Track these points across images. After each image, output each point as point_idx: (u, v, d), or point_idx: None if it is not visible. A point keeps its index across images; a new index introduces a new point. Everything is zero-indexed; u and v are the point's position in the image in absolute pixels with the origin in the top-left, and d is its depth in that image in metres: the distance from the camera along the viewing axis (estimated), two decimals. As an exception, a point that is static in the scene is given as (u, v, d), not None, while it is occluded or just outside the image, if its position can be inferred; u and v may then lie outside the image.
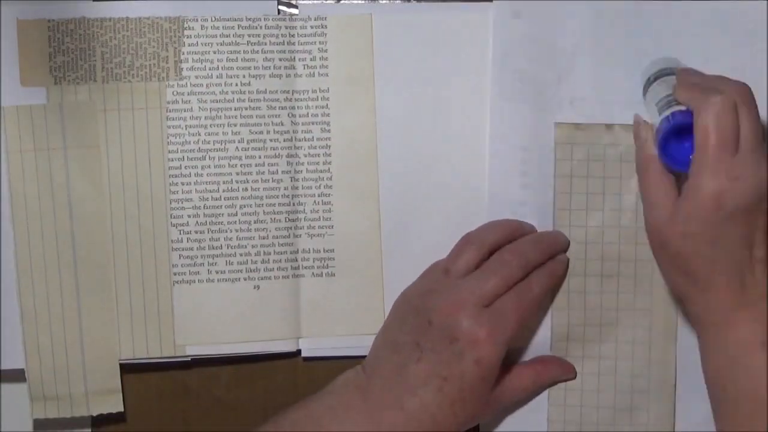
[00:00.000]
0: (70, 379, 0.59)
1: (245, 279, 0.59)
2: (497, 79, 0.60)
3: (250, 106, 0.59)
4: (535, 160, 0.60)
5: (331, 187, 0.60)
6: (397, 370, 0.53)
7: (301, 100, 0.60)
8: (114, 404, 0.59)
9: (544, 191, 0.60)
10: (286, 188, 0.60)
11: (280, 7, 0.60)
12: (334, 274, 0.60)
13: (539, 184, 0.60)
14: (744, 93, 0.50)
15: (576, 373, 0.60)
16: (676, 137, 0.52)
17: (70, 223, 0.58)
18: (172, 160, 0.59)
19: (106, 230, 0.59)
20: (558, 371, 0.59)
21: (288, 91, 0.59)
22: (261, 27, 0.59)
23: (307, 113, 0.60)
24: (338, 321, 0.60)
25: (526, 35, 0.60)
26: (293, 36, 0.59)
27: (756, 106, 0.50)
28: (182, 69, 0.59)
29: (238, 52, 0.59)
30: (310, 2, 0.60)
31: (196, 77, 0.59)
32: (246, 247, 0.59)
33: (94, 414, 0.59)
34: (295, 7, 0.60)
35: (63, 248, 0.58)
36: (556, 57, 0.60)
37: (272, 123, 0.59)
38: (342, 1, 0.60)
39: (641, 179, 0.54)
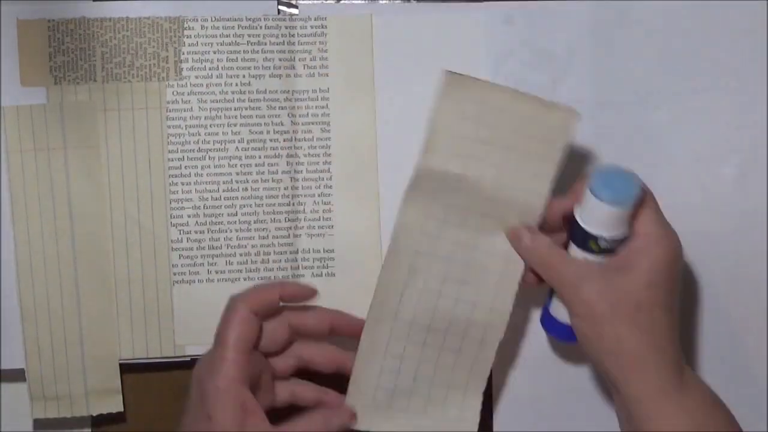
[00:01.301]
0: (70, 379, 0.59)
1: (245, 279, 0.59)
2: None
3: (250, 106, 0.59)
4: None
5: (331, 187, 0.60)
6: None
7: (301, 100, 0.60)
8: (114, 404, 0.59)
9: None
10: (286, 188, 0.60)
11: (280, 7, 0.60)
12: (334, 274, 0.60)
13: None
14: None
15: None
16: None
17: (70, 223, 0.58)
18: (172, 160, 0.59)
19: (106, 230, 0.59)
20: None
21: (288, 91, 0.59)
22: (261, 27, 0.59)
23: (307, 113, 0.60)
24: (338, 321, 0.60)
25: (518, 41, 0.60)
26: (293, 36, 0.59)
27: None
28: (182, 69, 0.59)
29: (238, 52, 0.59)
30: (310, 2, 0.60)
31: (196, 77, 0.59)
32: (246, 247, 0.59)
33: (94, 414, 0.59)
34: (295, 7, 0.60)
35: (63, 248, 0.58)
36: (551, 61, 0.60)
37: (272, 123, 0.59)
38: (342, 1, 0.60)
39: (550, 269, 0.52)
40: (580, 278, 0.51)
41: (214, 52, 0.59)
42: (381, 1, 0.60)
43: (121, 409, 0.59)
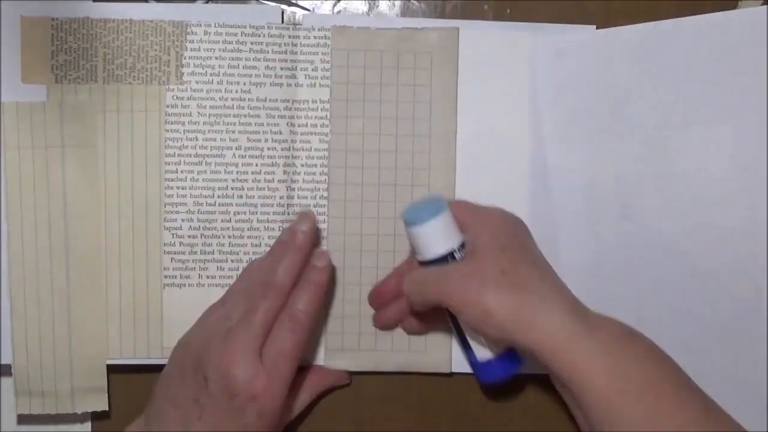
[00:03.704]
0: (57, 376, 0.59)
1: (236, 286, 0.59)
2: (551, 122, 0.60)
3: (249, 114, 0.59)
4: (602, 197, 0.60)
5: (326, 198, 0.60)
6: (180, 427, 0.52)
7: (301, 110, 0.60)
8: (99, 403, 0.60)
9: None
10: (281, 197, 0.60)
11: (283, 6, 0.59)
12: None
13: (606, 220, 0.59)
14: None
15: (350, 379, 0.61)
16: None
17: (64, 222, 0.59)
18: (169, 164, 0.59)
19: (99, 230, 0.59)
20: (332, 380, 0.60)
21: (288, 100, 0.59)
22: (264, 35, 0.59)
23: (306, 123, 0.60)
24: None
25: (572, 74, 0.60)
26: (296, 45, 0.59)
27: None
28: (183, 74, 0.59)
29: (240, 59, 0.59)
30: (313, 3, 0.60)
31: (197, 82, 0.59)
32: (238, 253, 0.59)
33: (79, 412, 0.59)
34: (304, 8, 0.60)
35: (56, 246, 0.59)
36: (608, 90, 0.59)
37: (270, 131, 0.59)
38: (340, 3, 0.60)
39: (444, 297, 0.51)
40: (442, 281, 0.51)
41: (216, 58, 0.59)
42: (381, 5, 0.60)
43: (106, 408, 0.60)
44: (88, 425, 0.61)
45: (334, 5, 0.60)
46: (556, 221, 0.60)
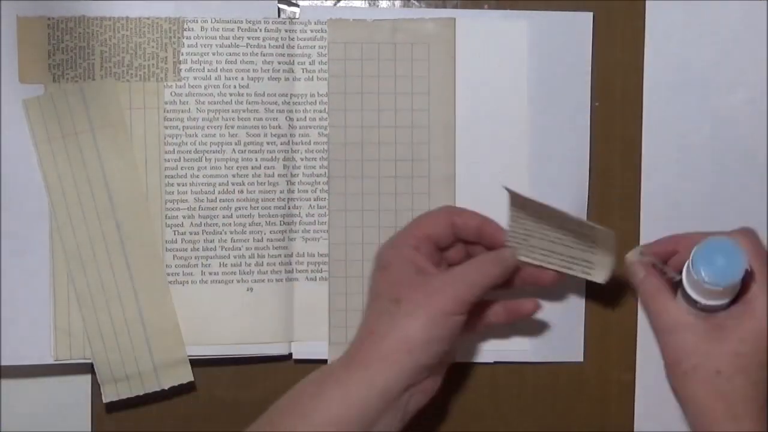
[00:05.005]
0: (137, 357, 0.58)
1: (238, 281, 0.60)
2: (549, 112, 0.60)
3: (247, 109, 0.59)
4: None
5: (327, 191, 0.60)
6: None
7: (299, 104, 0.59)
8: (184, 375, 0.59)
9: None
10: (281, 191, 0.60)
11: (281, 6, 0.59)
12: (328, 279, 0.60)
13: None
14: None
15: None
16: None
17: (110, 204, 0.58)
18: (169, 161, 0.59)
19: (144, 201, 0.59)
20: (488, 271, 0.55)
21: (286, 95, 0.59)
22: (261, 30, 0.59)
23: (305, 117, 0.60)
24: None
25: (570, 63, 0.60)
26: (293, 39, 0.59)
27: None
28: (181, 70, 0.59)
29: (237, 54, 0.59)
30: (310, 3, 0.60)
31: (195, 78, 0.59)
32: (240, 249, 0.59)
33: (167, 387, 0.59)
34: (296, 5, 0.59)
35: (107, 228, 0.59)
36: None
37: (269, 126, 0.59)
38: (340, 3, 0.60)
39: (650, 312, 0.56)
40: (673, 329, 0.53)
41: (213, 54, 0.59)
42: (381, 6, 0.60)
43: (191, 379, 0.59)
44: (88, 424, 0.61)
45: (335, 5, 0.60)
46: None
